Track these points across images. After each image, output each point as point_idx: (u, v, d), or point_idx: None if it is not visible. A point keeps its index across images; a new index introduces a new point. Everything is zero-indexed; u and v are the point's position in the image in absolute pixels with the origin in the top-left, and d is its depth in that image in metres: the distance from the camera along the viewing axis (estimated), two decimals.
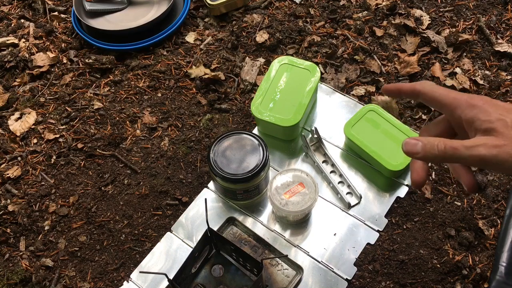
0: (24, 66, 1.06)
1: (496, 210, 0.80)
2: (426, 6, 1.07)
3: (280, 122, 0.84)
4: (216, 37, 1.07)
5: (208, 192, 0.86)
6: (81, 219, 0.85)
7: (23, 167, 0.92)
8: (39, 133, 0.96)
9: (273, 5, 1.12)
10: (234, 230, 0.82)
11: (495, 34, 1.01)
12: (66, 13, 1.16)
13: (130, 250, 0.81)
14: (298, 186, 0.77)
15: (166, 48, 1.07)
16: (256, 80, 0.99)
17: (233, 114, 0.95)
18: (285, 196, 0.76)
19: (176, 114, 0.96)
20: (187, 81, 1.01)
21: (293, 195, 0.76)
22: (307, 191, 0.76)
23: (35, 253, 0.82)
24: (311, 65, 0.89)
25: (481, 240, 0.78)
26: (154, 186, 0.87)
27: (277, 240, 0.79)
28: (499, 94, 0.93)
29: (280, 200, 0.76)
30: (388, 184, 0.84)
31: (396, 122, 0.84)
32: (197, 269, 0.76)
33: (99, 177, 0.90)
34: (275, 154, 0.88)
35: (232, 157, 0.77)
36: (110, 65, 1.04)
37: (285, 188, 0.77)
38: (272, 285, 0.76)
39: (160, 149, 0.92)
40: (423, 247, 0.78)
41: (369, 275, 0.76)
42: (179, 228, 0.82)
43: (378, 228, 0.80)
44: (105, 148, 0.93)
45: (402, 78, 0.96)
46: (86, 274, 0.80)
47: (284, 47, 1.04)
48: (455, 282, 0.75)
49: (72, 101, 1.00)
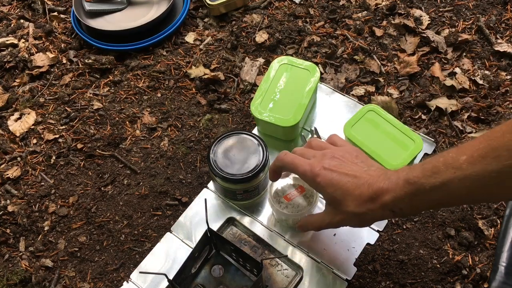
0: (24, 66, 1.06)
1: (496, 210, 0.80)
2: (425, 6, 1.07)
3: (280, 122, 0.84)
4: (215, 37, 1.07)
5: (208, 192, 0.86)
6: (80, 219, 0.85)
7: (23, 167, 0.92)
8: (38, 134, 0.96)
9: (272, 5, 1.12)
10: (234, 230, 0.82)
11: (495, 34, 1.01)
12: (65, 13, 1.16)
13: (130, 250, 0.81)
14: (298, 190, 0.76)
15: (165, 48, 1.07)
16: (256, 80, 0.99)
17: (232, 114, 0.95)
18: (285, 200, 0.76)
19: (176, 114, 0.96)
20: (187, 81, 1.01)
21: (293, 198, 0.76)
22: (307, 194, 0.76)
23: (35, 254, 0.82)
24: (311, 65, 0.89)
25: (481, 240, 0.78)
26: (153, 186, 0.87)
27: (277, 240, 0.79)
28: (498, 94, 0.93)
29: (279, 204, 0.76)
30: None
31: (396, 122, 0.84)
32: (197, 269, 0.76)
33: (98, 178, 0.90)
34: (275, 154, 0.88)
35: (232, 157, 0.77)
36: (110, 65, 1.04)
37: (284, 191, 0.76)
38: (272, 285, 0.76)
39: (159, 149, 0.92)
40: (423, 247, 0.78)
41: (369, 275, 0.76)
42: (179, 228, 0.82)
43: (378, 228, 0.80)
44: (104, 148, 0.93)
45: (402, 78, 0.96)
46: (86, 275, 0.80)
47: (283, 47, 1.04)
48: (455, 282, 0.75)
49: (72, 102, 1.00)
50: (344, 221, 0.63)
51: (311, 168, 0.62)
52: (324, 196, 0.63)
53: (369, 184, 0.58)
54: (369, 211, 0.58)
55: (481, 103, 0.91)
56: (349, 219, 0.62)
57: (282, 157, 0.68)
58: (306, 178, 0.64)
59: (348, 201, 0.59)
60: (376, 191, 0.57)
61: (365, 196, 0.58)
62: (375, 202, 0.57)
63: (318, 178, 0.61)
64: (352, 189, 0.59)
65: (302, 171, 0.64)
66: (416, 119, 0.91)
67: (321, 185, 0.61)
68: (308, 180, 0.64)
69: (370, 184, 0.58)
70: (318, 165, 0.62)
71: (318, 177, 0.61)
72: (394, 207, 0.56)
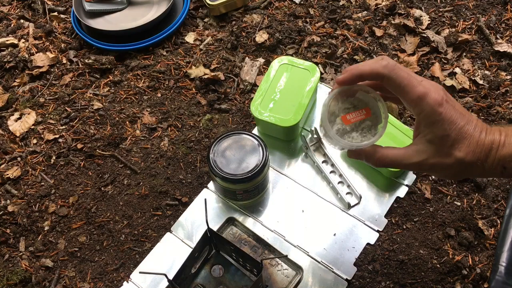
0: (24, 66, 1.06)
1: (496, 210, 0.80)
2: (425, 6, 1.07)
3: (280, 122, 0.84)
4: (215, 37, 1.07)
5: (208, 192, 0.86)
6: (80, 219, 0.85)
7: (23, 167, 0.92)
8: (38, 134, 0.96)
9: (272, 5, 1.12)
10: (234, 230, 0.82)
11: (495, 34, 1.01)
12: (65, 13, 1.16)
13: (130, 250, 0.81)
14: (362, 112, 0.58)
15: (165, 48, 1.07)
16: (256, 80, 0.99)
17: (232, 114, 0.95)
18: (342, 121, 0.57)
19: (176, 114, 0.96)
20: (187, 81, 1.01)
21: (354, 120, 0.58)
22: (371, 121, 0.58)
23: (35, 254, 0.82)
24: (311, 65, 0.89)
25: (481, 240, 0.78)
26: (154, 186, 0.87)
27: (277, 240, 0.79)
28: (498, 94, 0.93)
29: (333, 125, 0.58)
30: (388, 184, 0.84)
31: (396, 122, 0.84)
32: (196, 269, 0.76)
33: (98, 178, 0.90)
34: (275, 154, 0.88)
35: (232, 157, 0.77)
36: (110, 65, 1.04)
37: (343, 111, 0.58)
38: (272, 285, 0.76)
39: (159, 149, 0.92)
40: (423, 247, 0.78)
41: (369, 275, 0.76)
42: (179, 228, 0.82)
43: (378, 228, 0.80)
44: (104, 148, 0.93)
45: None
46: (86, 275, 0.80)
47: (283, 47, 1.04)
48: (455, 282, 0.75)
49: (72, 102, 1.00)
50: (437, 167, 0.53)
51: (436, 95, 0.51)
52: (434, 131, 0.52)
53: (486, 133, 0.51)
54: (478, 162, 0.51)
55: (481, 103, 0.91)
56: (447, 167, 0.52)
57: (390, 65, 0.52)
58: (422, 103, 0.51)
59: (462, 144, 0.51)
60: (494, 142, 0.50)
61: (481, 145, 0.50)
62: (490, 154, 0.50)
63: (441, 108, 0.51)
64: (470, 133, 0.51)
65: (421, 92, 0.51)
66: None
67: (441, 117, 0.51)
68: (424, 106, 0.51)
69: (487, 133, 0.51)
70: (441, 93, 0.51)
71: (442, 107, 0.51)
72: (508, 163, 0.50)
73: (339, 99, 0.58)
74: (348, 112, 0.57)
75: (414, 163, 0.54)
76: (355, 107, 0.58)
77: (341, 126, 0.57)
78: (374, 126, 0.57)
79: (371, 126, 0.57)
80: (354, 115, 0.57)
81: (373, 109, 0.57)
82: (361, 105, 0.58)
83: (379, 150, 0.56)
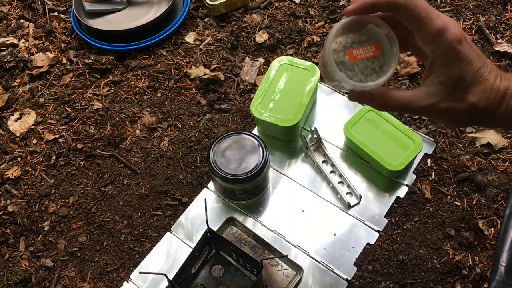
0: (24, 66, 1.06)
1: (496, 210, 0.80)
2: None
3: (280, 122, 0.84)
4: (215, 37, 1.07)
5: (208, 192, 0.86)
6: (80, 219, 0.85)
7: (23, 167, 0.92)
8: (38, 134, 0.96)
9: (272, 5, 1.12)
10: (234, 231, 0.82)
11: (495, 34, 1.01)
12: (65, 13, 1.16)
13: (130, 250, 0.81)
14: (371, 49, 0.51)
15: (165, 48, 1.07)
16: (256, 80, 0.99)
17: (232, 114, 0.95)
18: (348, 57, 0.50)
19: (176, 114, 0.96)
20: (187, 81, 1.01)
21: (361, 57, 0.51)
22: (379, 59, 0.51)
23: (35, 254, 0.82)
24: (311, 65, 0.89)
25: (481, 240, 0.78)
26: (154, 186, 0.87)
27: (277, 240, 0.79)
28: None
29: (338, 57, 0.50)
30: (387, 184, 0.84)
31: (395, 122, 0.84)
32: (197, 269, 0.76)
33: (98, 178, 0.90)
34: (275, 154, 0.88)
35: (231, 157, 0.77)
36: (110, 65, 1.04)
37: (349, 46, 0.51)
38: (272, 285, 0.76)
39: (159, 149, 0.92)
40: (423, 247, 0.78)
41: (369, 275, 0.76)
42: (179, 228, 0.82)
43: (378, 228, 0.80)
44: (104, 148, 0.93)
45: (402, 78, 0.96)
46: (86, 275, 0.80)
47: (283, 47, 1.04)
48: (455, 282, 0.75)
49: (72, 102, 1.00)
50: (447, 112, 0.49)
51: (456, 30, 0.46)
52: (449, 72, 0.47)
53: (501, 79, 0.48)
54: (491, 109, 0.47)
55: None
56: (458, 112, 0.48)
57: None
58: (440, 38, 0.46)
59: (477, 89, 0.47)
60: (509, 88, 0.47)
61: (496, 90, 0.47)
62: (503, 101, 0.47)
63: (460, 45, 0.46)
64: (485, 76, 0.47)
65: (440, 26, 0.46)
66: (416, 119, 0.91)
67: (459, 56, 0.46)
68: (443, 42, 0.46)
69: (502, 79, 0.48)
70: (461, 30, 0.47)
71: (461, 44, 0.46)
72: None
73: (346, 31, 0.51)
74: (355, 48, 0.50)
75: (422, 107, 0.49)
76: (364, 42, 0.51)
77: (345, 61, 0.50)
78: (381, 67, 0.51)
79: (378, 66, 0.51)
80: (361, 51, 0.50)
81: (383, 46, 0.50)
82: (370, 40, 0.51)
83: (385, 91, 0.50)
